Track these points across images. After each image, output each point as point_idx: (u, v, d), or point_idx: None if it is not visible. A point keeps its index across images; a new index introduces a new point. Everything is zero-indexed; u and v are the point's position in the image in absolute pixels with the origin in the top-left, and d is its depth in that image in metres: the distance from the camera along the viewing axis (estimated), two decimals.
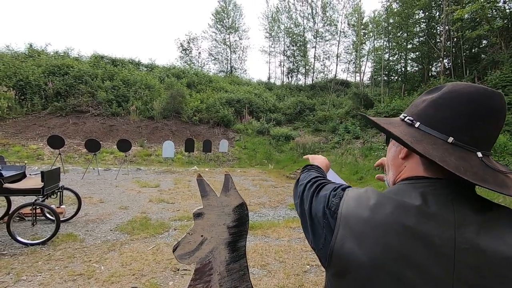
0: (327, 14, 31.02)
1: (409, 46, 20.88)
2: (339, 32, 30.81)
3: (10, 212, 4.03)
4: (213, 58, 30.68)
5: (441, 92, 0.59)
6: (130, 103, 15.55)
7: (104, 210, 4.97)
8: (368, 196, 0.60)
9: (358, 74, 28.91)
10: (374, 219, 0.55)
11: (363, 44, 27.14)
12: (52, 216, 4.30)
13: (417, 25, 19.92)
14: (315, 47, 31.56)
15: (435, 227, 0.50)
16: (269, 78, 31.88)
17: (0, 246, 3.40)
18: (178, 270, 2.99)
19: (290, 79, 32.00)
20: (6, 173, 3.61)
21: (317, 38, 31.67)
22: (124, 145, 8.03)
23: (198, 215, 1.06)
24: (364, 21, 28.35)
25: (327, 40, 32.01)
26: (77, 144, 11.76)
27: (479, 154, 0.54)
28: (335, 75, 31.00)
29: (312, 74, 31.57)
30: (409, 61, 21.96)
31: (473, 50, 17.61)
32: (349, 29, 30.87)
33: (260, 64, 64.50)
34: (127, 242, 3.68)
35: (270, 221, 4.77)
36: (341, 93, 24.53)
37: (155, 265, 3.07)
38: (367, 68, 40.21)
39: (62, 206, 4.31)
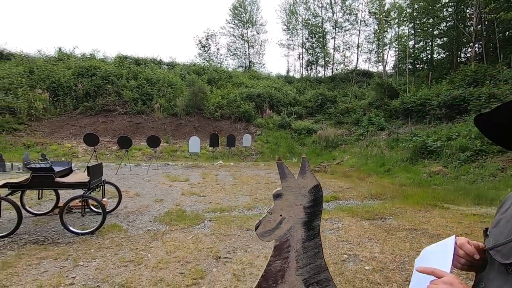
0: (347, 3, 30.13)
1: (436, 32, 19.91)
2: (359, 21, 29.89)
3: (61, 205, 4.34)
4: (231, 53, 30.80)
5: None
6: (154, 101, 16.02)
7: (141, 202, 5.22)
8: None
9: (380, 64, 28.03)
10: None
11: (386, 32, 26.20)
12: (96, 208, 4.58)
13: (444, 9, 18.93)
14: (334, 38, 30.83)
15: None
16: (288, 72, 31.59)
17: (54, 235, 3.68)
18: (220, 258, 3.11)
19: (309, 71, 31.53)
20: (56, 169, 3.88)
21: (336, 29, 30.92)
22: (153, 141, 8.34)
23: (277, 195, 1.13)
24: (386, 8, 27.30)
25: (346, 30, 31.16)
26: (107, 142, 12.31)
27: None
28: (356, 65, 30.19)
29: (331, 66, 30.94)
30: (436, 47, 20.96)
31: (507, 33, 16.51)
32: (370, 17, 29.87)
33: (279, 58, 63.92)
34: (167, 232, 3.86)
35: None
36: (363, 84, 23.89)
37: (197, 253, 3.21)
38: (390, 57, 38.70)
39: (104, 199, 4.57)
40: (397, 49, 24.60)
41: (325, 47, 30.37)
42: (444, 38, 19.61)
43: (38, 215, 4.39)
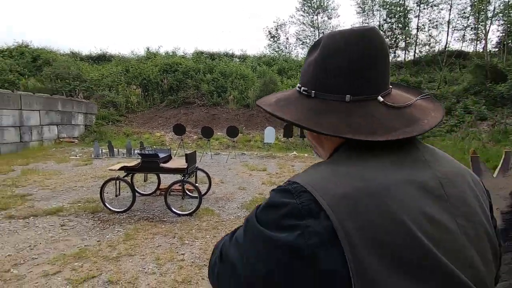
0: None
1: None
2: None
3: (163, 187, 4.87)
4: (300, 42, 30.07)
5: (320, 49, 0.55)
6: (228, 93, 16.79)
7: (227, 189, 5.51)
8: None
9: (479, 42, 23.72)
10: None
11: (488, 3, 21.88)
12: (190, 192, 5.02)
13: None
14: (418, 16, 27.26)
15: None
16: None
17: (160, 214, 4.16)
18: None
19: None
20: (160, 155, 4.35)
21: (421, 5, 27.22)
22: (232, 132, 8.74)
23: None
24: None
25: (435, 5, 27.18)
26: (189, 132, 13.44)
27: (380, 99, 0.53)
28: (446, 46, 26.18)
29: (414, 48, 27.53)
30: None
31: None
32: None
33: None
34: None
35: None
36: (455, 66, 20.61)
37: None
38: (493, 33, 32.35)
39: (197, 184, 4.96)
40: (504, 22, 20.38)
41: (407, 28, 27.11)
42: None
43: (144, 195, 5.03)
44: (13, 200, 4.53)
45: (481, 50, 21.69)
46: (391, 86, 0.57)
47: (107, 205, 4.14)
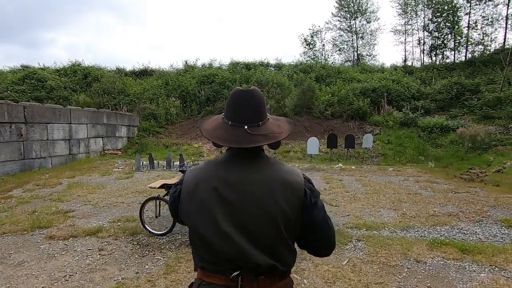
0: None
1: None
2: None
3: None
4: (337, 48, 29.03)
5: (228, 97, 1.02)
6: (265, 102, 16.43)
7: None
8: None
9: None
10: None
11: None
12: None
13: None
14: (469, 13, 24.89)
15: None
16: (405, 61, 27.49)
17: None
18: None
19: (434, 58, 26.55)
20: None
21: (472, 1, 24.84)
22: (274, 142, 8.21)
23: None
24: None
25: (489, 0, 24.61)
26: None
27: (245, 127, 0.93)
28: (504, 44, 23.45)
29: (465, 48, 25.06)
30: None
31: None
32: None
33: (392, 47, 56.83)
34: None
35: (489, 243, 3.50)
36: None
37: None
38: None
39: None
40: None
41: (457, 26, 24.84)
42: None
43: None
44: (56, 217, 4.42)
45: None
46: (268, 117, 1.02)
47: (146, 227, 3.82)
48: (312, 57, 27.68)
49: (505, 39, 24.85)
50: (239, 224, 0.87)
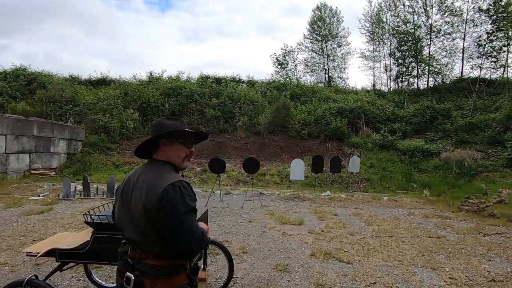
0: (446, 3, 25.58)
1: None
2: (464, 21, 24.89)
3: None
4: (309, 69, 28.95)
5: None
6: (237, 118, 14.92)
7: (256, 270, 3.22)
8: None
9: (507, 68, 22.35)
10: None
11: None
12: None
13: None
14: (429, 44, 26.36)
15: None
16: (374, 86, 28.04)
17: None
18: None
19: (400, 84, 27.40)
20: None
21: (433, 33, 26.46)
22: (251, 165, 6.51)
23: None
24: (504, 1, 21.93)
25: (446, 34, 26.35)
26: (191, 162, 11.30)
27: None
28: (461, 73, 24.86)
29: (427, 76, 26.28)
30: None
31: None
32: (481, 15, 24.53)
33: (360, 71, 59.32)
34: None
35: None
36: (481, 94, 18.91)
37: None
38: None
39: (204, 271, 2.72)
40: None
41: (421, 55, 26.06)
42: None
43: None
44: None
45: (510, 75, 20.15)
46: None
47: None
48: (285, 76, 27.16)
49: (462, 68, 26.62)
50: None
